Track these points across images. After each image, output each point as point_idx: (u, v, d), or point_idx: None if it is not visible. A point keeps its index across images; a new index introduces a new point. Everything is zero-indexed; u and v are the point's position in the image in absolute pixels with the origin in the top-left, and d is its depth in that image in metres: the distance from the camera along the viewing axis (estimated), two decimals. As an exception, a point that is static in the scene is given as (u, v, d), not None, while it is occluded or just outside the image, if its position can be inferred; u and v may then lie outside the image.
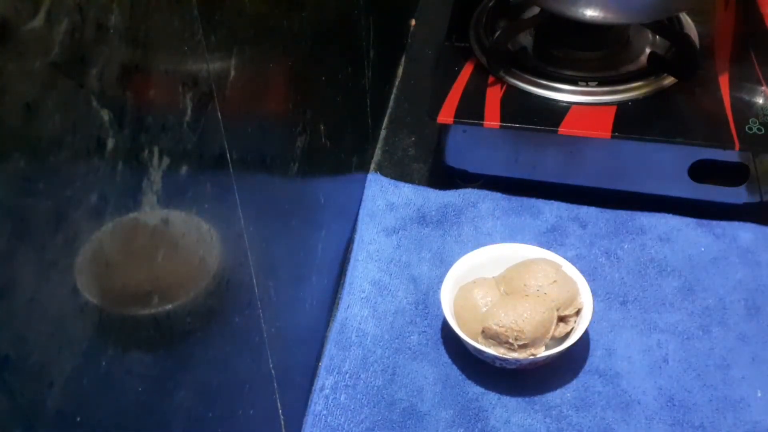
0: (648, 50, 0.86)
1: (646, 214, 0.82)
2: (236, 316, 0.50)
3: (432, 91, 0.85)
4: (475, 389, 0.69)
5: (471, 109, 0.81)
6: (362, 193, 0.86)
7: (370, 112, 0.87)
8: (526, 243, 0.77)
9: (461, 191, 0.85)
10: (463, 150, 0.85)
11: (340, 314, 0.74)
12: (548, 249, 0.74)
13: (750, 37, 0.88)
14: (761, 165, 0.79)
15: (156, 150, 0.37)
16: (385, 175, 0.88)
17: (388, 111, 0.98)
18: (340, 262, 0.79)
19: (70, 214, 0.31)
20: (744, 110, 0.79)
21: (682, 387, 0.68)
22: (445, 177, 0.87)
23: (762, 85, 0.81)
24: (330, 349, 0.72)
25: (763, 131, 0.77)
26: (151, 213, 0.37)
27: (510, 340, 0.65)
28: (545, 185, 0.85)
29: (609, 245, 0.80)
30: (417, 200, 0.85)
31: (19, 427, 0.29)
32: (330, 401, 0.68)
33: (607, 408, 0.67)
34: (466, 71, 0.85)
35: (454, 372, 0.70)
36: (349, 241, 0.82)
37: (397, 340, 0.72)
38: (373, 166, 0.90)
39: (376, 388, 0.69)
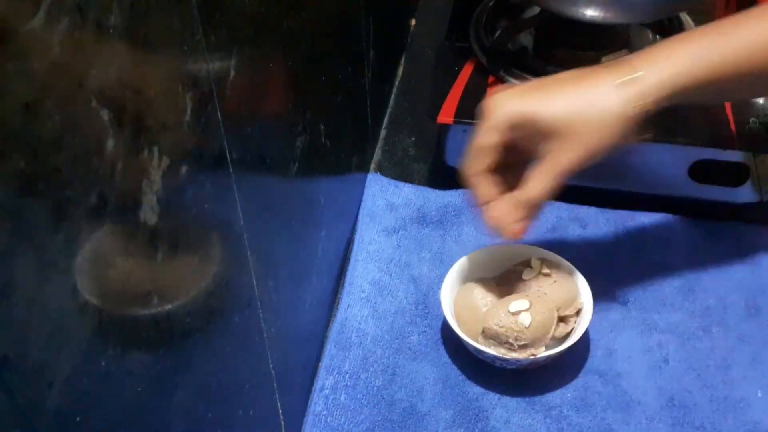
0: (648, 50, 0.86)
1: (646, 214, 0.82)
2: (236, 316, 0.50)
3: (432, 91, 0.85)
4: (475, 389, 0.69)
5: (471, 109, 0.81)
6: (362, 193, 0.86)
7: (370, 112, 0.87)
8: (526, 243, 0.77)
9: (461, 191, 0.85)
10: (463, 150, 0.84)
11: (340, 314, 0.74)
12: (548, 249, 0.74)
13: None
14: (761, 165, 0.79)
15: (156, 150, 0.37)
16: (385, 175, 0.88)
17: (388, 111, 0.98)
18: (340, 262, 0.79)
19: (70, 214, 0.31)
20: (744, 110, 0.79)
21: (682, 387, 0.68)
22: (445, 177, 0.87)
23: (762, 85, 0.81)
24: (330, 349, 0.72)
25: (763, 131, 0.77)
26: (150, 213, 0.37)
27: (510, 341, 0.65)
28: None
29: (609, 245, 0.80)
30: (417, 200, 0.85)
31: (19, 427, 0.29)
32: (330, 401, 0.68)
33: (607, 408, 0.67)
34: (466, 71, 0.85)
35: (454, 372, 0.70)
36: (349, 241, 0.81)
37: (397, 340, 0.72)
38: (373, 166, 0.90)
39: (376, 388, 0.69)
